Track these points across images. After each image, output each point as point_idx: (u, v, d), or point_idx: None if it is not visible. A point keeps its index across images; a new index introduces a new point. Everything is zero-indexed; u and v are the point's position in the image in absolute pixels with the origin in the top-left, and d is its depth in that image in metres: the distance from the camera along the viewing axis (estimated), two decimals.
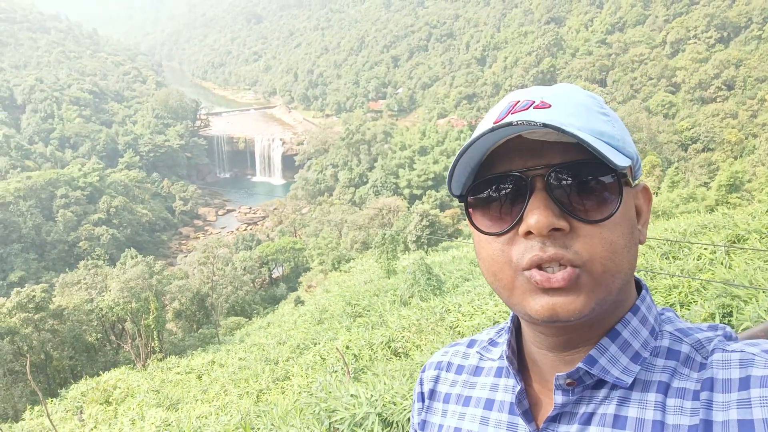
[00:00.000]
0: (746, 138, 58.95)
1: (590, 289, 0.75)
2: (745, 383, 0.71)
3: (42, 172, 70.55)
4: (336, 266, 40.63)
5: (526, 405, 0.89)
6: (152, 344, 28.56)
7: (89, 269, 36.92)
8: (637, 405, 0.78)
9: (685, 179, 48.82)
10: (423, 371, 1.10)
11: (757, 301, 6.17)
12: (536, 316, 0.76)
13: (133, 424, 12.07)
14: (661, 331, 0.84)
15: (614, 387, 0.80)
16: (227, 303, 38.23)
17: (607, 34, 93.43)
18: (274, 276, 53.12)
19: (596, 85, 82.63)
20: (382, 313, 16.30)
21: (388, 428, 5.96)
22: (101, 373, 24.52)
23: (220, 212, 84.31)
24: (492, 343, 1.03)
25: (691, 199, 27.36)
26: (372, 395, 6.49)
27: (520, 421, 0.88)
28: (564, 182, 0.76)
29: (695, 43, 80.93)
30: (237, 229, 75.48)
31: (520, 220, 0.77)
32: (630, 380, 0.79)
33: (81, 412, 17.58)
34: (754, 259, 8.30)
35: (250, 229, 71.90)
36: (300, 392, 9.97)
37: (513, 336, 0.95)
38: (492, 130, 0.75)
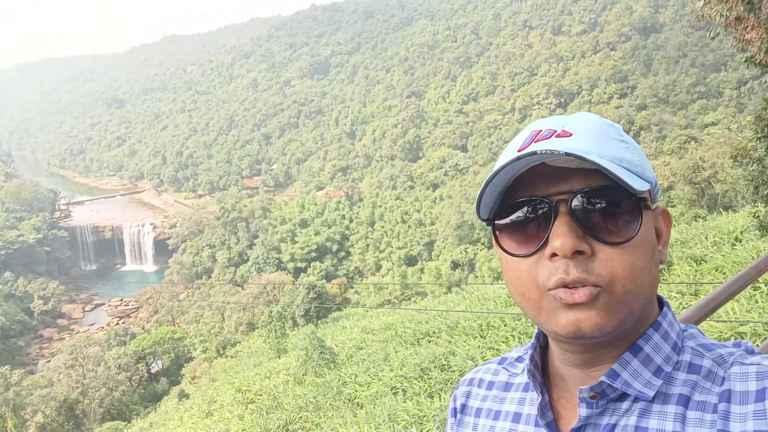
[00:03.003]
0: None
1: (612, 308, 0.78)
2: (761, 395, 0.74)
3: None
4: (221, 352, 38.71)
5: (550, 417, 0.93)
6: None
7: None
8: (658, 417, 0.81)
9: None
10: (457, 388, 1.14)
11: None
12: (562, 332, 0.80)
13: None
14: (683, 347, 0.87)
15: (636, 399, 0.83)
16: (101, 407, 34.67)
17: (463, 104, 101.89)
18: (153, 371, 49.08)
19: (459, 151, 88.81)
20: (275, 395, 15.64)
21: None
22: None
23: (87, 308, 77.33)
24: (519, 359, 1.08)
25: None
26: None
27: (545, 430, 0.92)
28: (586, 206, 0.80)
29: (539, 108, 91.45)
30: (108, 324, 69.44)
31: (546, 243, 0.81)
32: (652, 393, 0.82)
33: None
34: None
35: (123, 323, 66.37)
36: None
37: (537, 352, 0.99)
38: (518, 158, 0.80)
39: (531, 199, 0.84)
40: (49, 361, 50.81)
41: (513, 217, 0.87)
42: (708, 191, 34.43)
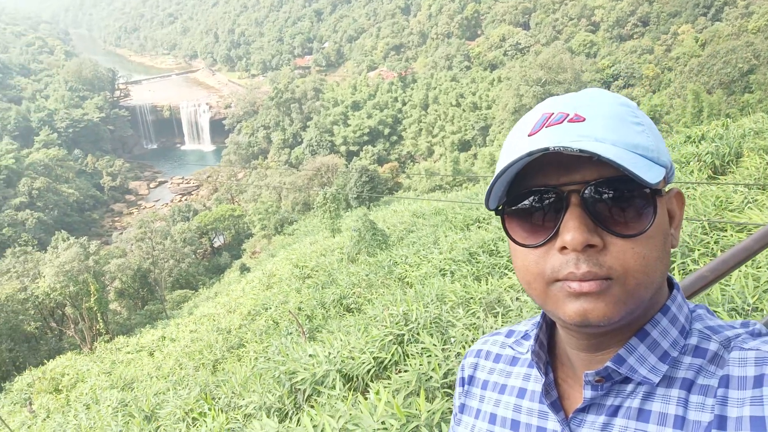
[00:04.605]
0: (662, 72, 61.50)
1: (622, 300, 0.77)
2: (759, 381, 0.74)
3: None
4: (279, 230, 40.42)
5: (555, 396, 0.93)
6: (97, 326, 27.82)
7: (18, 257, 35.15)
8: (661, 400, 0.81)
9: None
10: (465, 358, 1.15)
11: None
12: (569, 320, 0.79)
13: (88, 409, 11.86)
14: (691, 330, 0.86)
15: (641, 383, 0.84)
16: (171, 277, 37.50)
17: None
18: (215, 245, 52.24)
19: (520, 29, 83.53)
20: (330, 272, 16.46)
21: (349, 383, 6.15)
22: (46, 361, 23.79)
23: (151, 185, 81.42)
24: (525, 336, 1.07)
25: None
26: (330, 353, 6.66)
27: (549, 409, 0.93)
28: (598, 198, 0.78)
29: None
30: (171, 201, 73.28)
31: (556, 235, 0.80)
32: (657, 379, 0.81)
33: (30, 403, 17.11)
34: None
35: (186, 200, 69.90)
36: (257, 358, 10.06)
37: (543, 331, 0.99)
38: (530, 154, 0.77)
39: (542, 189, 0.82)
40: (121, 233, 54.56)
41: (522, 205, 0.84)
42: None
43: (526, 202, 0.84)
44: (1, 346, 27.95)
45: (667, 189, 0.88)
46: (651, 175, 0.77)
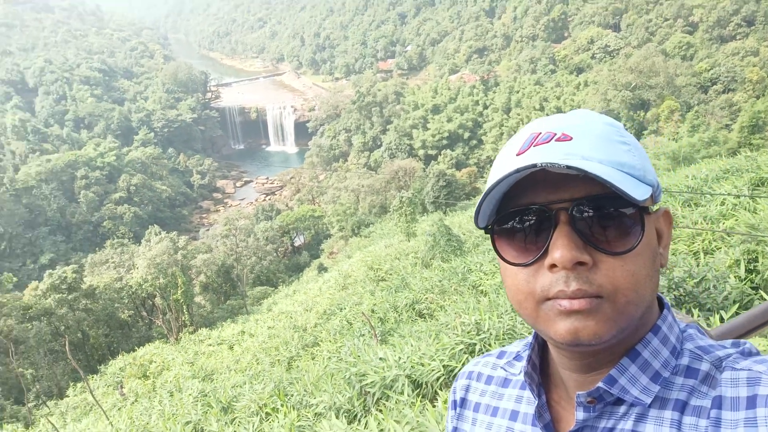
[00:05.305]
0: None
1: (613, 318, 0.77)
2: (752, 402, 0.73)
3: (61, 155, 71.41)
4: (356, 232, 40.94)
5: (548, 418, 0.93)
6: (182, 318, 29.29)
7: (116, 248, 37.72)
8: (654, 422, 0.80)
9: (706, 123, 47.71)
10: (456, 380, 1.14)
11: None
12: (560, 339, 0.79)
13: (171, 396, 12.51)
14: (682, 350, 0.86)
15: (633, 404, 0.83)
16: (252, 273, 38.88)
17: None
18: (296, 244, 53.72)
19: (610, 30, 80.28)
20: (404, 276, 16.47)
21: (418, 389, 6.11)
22: (136, 348, 25.33)
23: (238, 184, 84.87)
24: (517, 357, 1.07)
25: (712, 143, 26.78)
26: (400, 357, 6.64)
27: None
28: (587, 216, 0.79)
29: None
30: (256, 200, 76.05)
31: (545, 253, 0.79)
32: (649, 400, 0.81)
33: (121, 387, 18.27)
34: None
35: (269, 200, 72.42)
36: (329, 358, 10.22)
37: (536, 352, 0.98)
38: (518, 171, 0.77)
39: (530, 208, 0.82)
40: (208, 229, 57.22)
41: (511, 224, 0.84)
42: None
43: (514, 220, 0.84)
44: (99, 331, 30.07)
45: (655, 208, 0.88)
46: (638, 192, 0.77)
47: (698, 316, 5.24)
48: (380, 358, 6.84)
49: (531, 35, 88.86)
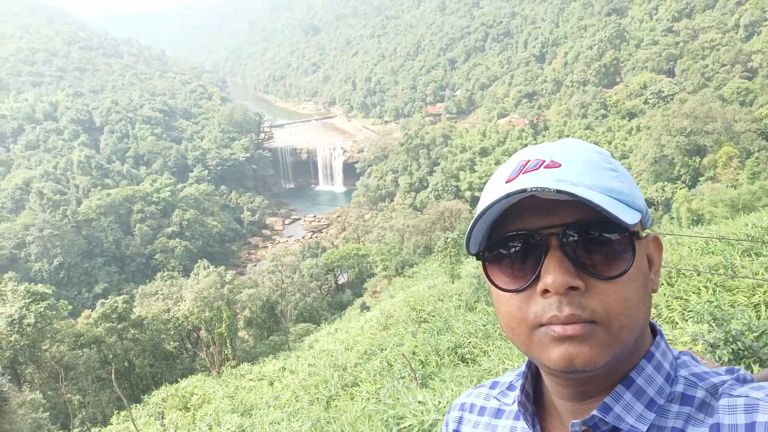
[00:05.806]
0: None
1: (607, 343, 0.77)
2: (750, 429, 0.72)
3: (120, 189, 74.71)
4: (399, 271, 40.76)
5: None
6: (226, 352, 29.54)
7: (165, 280, 38.65)
8: None
9: (767, 170, 45.94)
10: (448, 412, 1.13)
11: None
12: (554, 366, 0.78)
13: (210, 429, 12.52)
14: (676, 377, 0.85)
15: None
16: (296, 309, 39.05)
17: (674, 22, 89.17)
18: (339, 282, 53.86)
19: (663, 76, 79.14)
20: (447, 318, 16.20)
21: None
22: (179, 379, 25.61)
23: (286, 221, 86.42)
24: (510, 387, 1.06)
25: None
26: (439, 402, 6.48)
27: None
28: (578, 240, 0.79)
29: None
30: (303, 238, 77.09)
31: (537, 278, 0.79)
32: (645, 428, 0.79)
33: (162, 417, 18.41)
34: None
35: (316, 237, 73.28)
36: (368, 398, 10.06)
37: (529, 381, 0.97)
38: (508, 195, 0.78)
39: (521, 234, 0.82)
40: (255, 265, 58.09)
41: (503, 251, 0.84)
42: None
43: (505, 246, 0.84)
44: (144, 361, 30.64)
45: (644, 234, 0.88)
46: (627, 216, 0.77)
47: (758, 372, 4.94)
48: (419, 402, 6.69)
49: (582, 80, 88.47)
